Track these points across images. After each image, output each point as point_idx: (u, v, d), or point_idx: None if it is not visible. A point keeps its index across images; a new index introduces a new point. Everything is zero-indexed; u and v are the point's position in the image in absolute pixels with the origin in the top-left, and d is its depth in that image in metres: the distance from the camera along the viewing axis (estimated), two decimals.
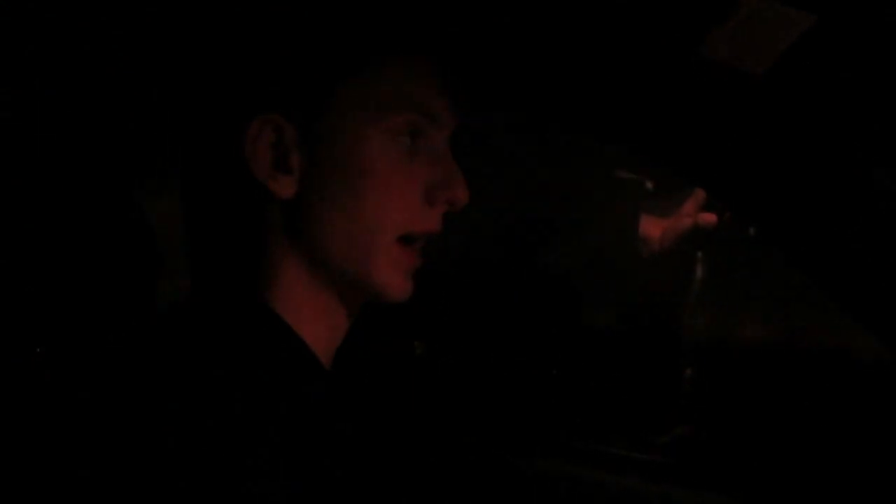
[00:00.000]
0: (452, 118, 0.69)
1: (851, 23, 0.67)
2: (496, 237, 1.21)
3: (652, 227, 1.27)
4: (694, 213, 1.24)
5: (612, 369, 1.25)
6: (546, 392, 1.22)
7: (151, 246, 0.86)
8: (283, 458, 0.57)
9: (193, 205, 0.72)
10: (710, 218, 1.22)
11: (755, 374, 1.21)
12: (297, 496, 0.57)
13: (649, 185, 1.30)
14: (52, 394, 0.76)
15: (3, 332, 0.80)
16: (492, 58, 0.78)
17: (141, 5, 0.80)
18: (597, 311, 1.27)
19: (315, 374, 0.67)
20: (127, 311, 0.85)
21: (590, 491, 1.05)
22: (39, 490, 0.64)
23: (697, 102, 0.78)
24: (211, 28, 0.69)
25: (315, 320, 0.67)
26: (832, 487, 1.06)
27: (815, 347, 1.19)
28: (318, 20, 0.65)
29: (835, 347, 1.17)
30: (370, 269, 0.66)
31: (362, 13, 0.66)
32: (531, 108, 0.88)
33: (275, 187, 0.65)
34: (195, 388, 0.58)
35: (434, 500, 0.97)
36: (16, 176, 0.83)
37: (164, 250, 0.85)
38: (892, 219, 0.79)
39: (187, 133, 0.71)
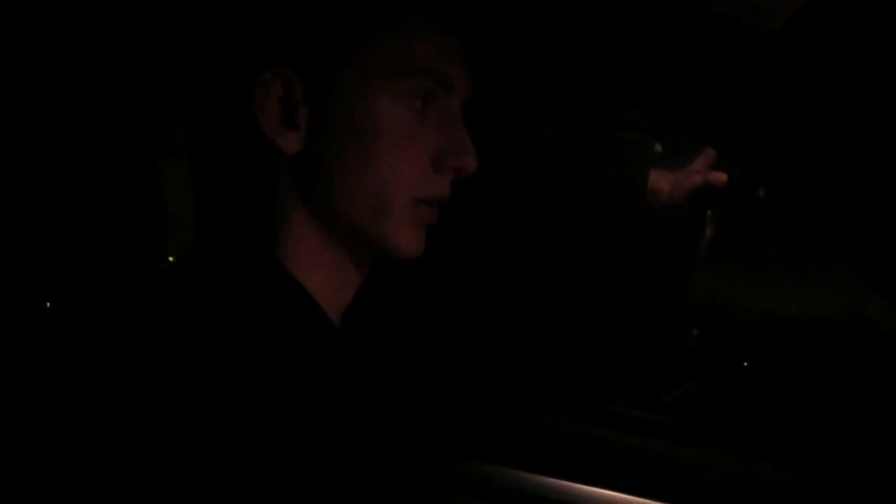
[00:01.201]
0: (466, 85, 0.69)
1: None
2: (502, 196, 1.21)
3: (661, 181, 1.26)
4: (704, 170, 1.23)
5: (619, 327, 1.25)
6: (552, 349, 1.23)
7: (159, 200, 0.86)
8: (288, 412, 0.58)
9: (202, 158, 0.72)
10: (720, 176, 1.21)
11: (761, 334, 1.21)
12: (301, 450, 0.58)
13: (658, 146, 1.28)
14: (60, 352, 0.76)
15: (13, 289, 0.81)
16: (503, 13, 0.76)
17: None
18: (605, 269, 1.27)
19: (323, 330, 0.67)
20: (135, 266, 0.85)
21: (593, 447, 1.06)
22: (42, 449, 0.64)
23: (709, 58, 0.76)
24: None
25: (324, 276, 0.68)
26: (835, 448, 1.07)
27: (824, 309, 1.18)
28: None
29: (843, 309, 1.17)
30: (382, 226, 0.66)
31: None
32: (540, 63, 0.86)
33: (281, 142, 0.64)
34: (203, 341, 0.58)
35: (435, 457, 0.98)
36: (23, 136, 0.83)
37: (172, 205, 0.85)
38: None
39: (197, 86, 0.70)
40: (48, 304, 0.86)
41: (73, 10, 0.82)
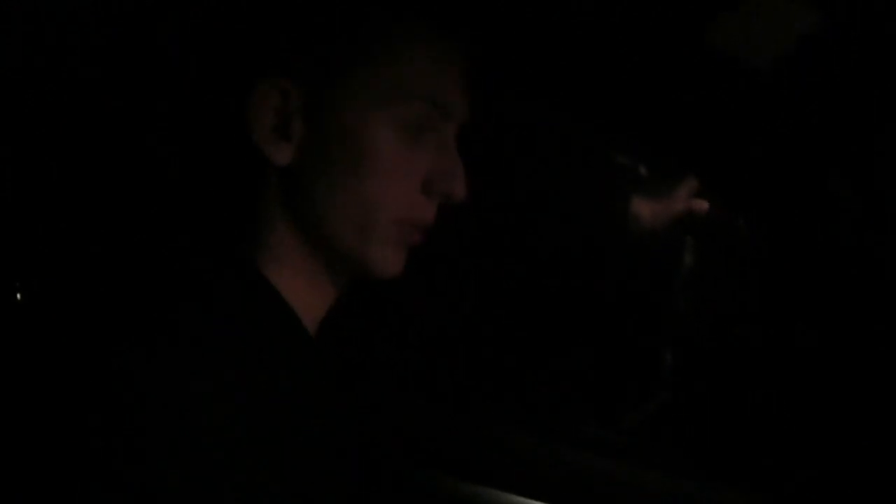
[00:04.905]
0: (465, 110, 0.68)
1: (856, 23, 0.66)
2: (485, 215, 1.21)
3: (642, 207, 1.27)
4: (686, 197, 1.24)
5: (591, 348, 1.26)
6: (525, 366, 1.23)
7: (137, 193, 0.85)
8: (262, 418, 0.57)
9: (189, 160, 0.72)
10: (701, 204, 1.22)
11: (734, 364, 1.22)
12: (278, 460, 0.57)
13: (642, 170, 1.29)
14: (31, 343, 0.75)
15: None
16: (502, 39, 0.77)
17: None
18: (581, 290, 1.27)
19: (299, 339, 0.67)
20: (109, 259, 0.85)
21: (558, 467, 1.06)
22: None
23: (697, 90, 0.77)
24: None
25: (300, 288, 0.67)
26: (808, 476, 1.08)
27: (797, 341, 1.20)
28: None
29: (814, 341, 1.18)
30: (363, 247, 0.65)
31: None
32: (534, 89, 0.87)
33: (271, 152, 0.64)
34: (178, 343, 0.57)
35: (407, 472, 0.98)
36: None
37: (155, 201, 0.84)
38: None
39: (192, 87, 0.70)
40: (18, 295, 0.85)
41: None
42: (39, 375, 0.67)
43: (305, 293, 0.67)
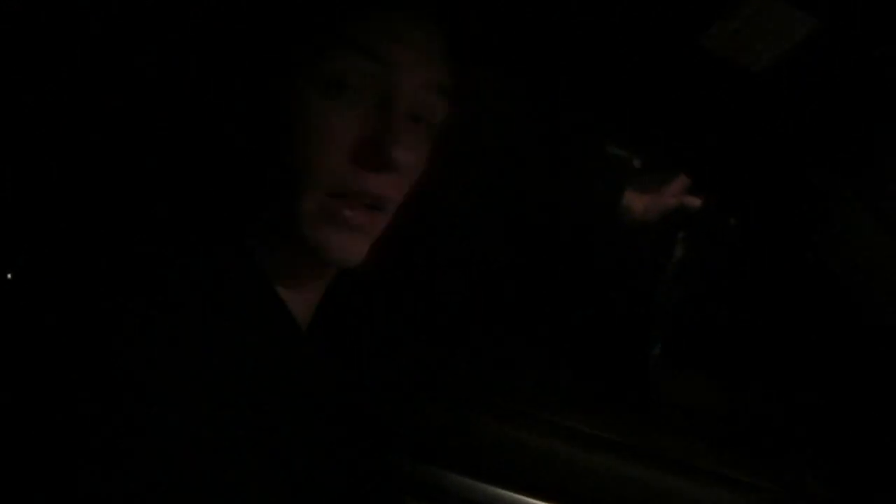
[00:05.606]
0: (414, 70, 0.59)
1: (852, 31, 0.67)
2: (480, 203, 1.21)
3: (635, 200, 1.27)
4: (679, 193, 1.24)
5: (580, 341, 1.27)
6: (517, 357, 1.24)
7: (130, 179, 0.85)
8: (253, 409, 0.57)
9: (189, 140, 0.72)
10: (694, 201, 1.23)
11: (721, 359, 1.23)
12: (267, 448, 0.58)
13: (637, 162, 1.29)
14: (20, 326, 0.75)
15: None
16: (498, 28, 0.76)
17: None
18: (571, 284, 1.28)
19: (285, 327, 0.66)
20: (103, 243, 0.84)
21: (545, 461, 1.07)
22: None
23: (693, 87, 0.77)
24: None
25: (288, 278, 0.66)
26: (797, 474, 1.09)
27: (786, 339, 1.21)
28: None
29: (804, 338, 1.19)
30: (302, 226, 0.60)
31: None
32: (532, 78, 0.86)
33: (246, 140, 0.62)
34: (170, 331, 0.56)
35: (397, 461, 0.99)
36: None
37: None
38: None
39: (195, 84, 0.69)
40: (8, 275, 0.85)
41: None
42: (26, 343, 0.66)
43: (293, 280, 0.66)
